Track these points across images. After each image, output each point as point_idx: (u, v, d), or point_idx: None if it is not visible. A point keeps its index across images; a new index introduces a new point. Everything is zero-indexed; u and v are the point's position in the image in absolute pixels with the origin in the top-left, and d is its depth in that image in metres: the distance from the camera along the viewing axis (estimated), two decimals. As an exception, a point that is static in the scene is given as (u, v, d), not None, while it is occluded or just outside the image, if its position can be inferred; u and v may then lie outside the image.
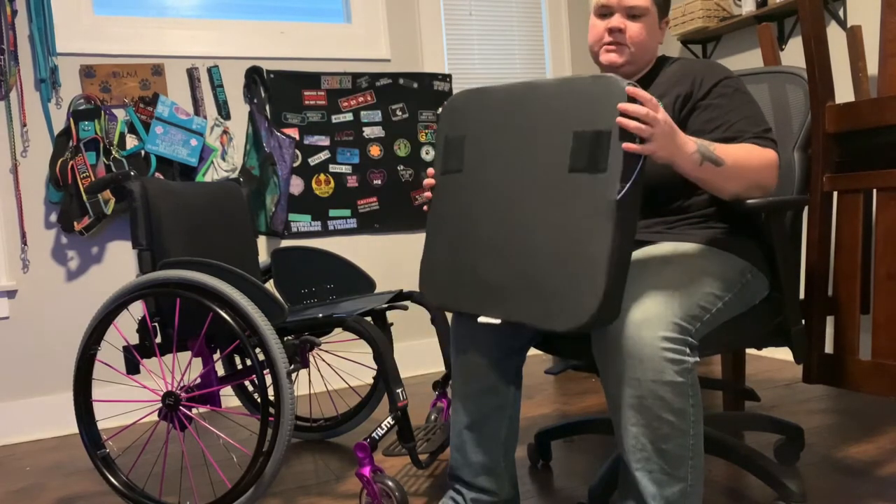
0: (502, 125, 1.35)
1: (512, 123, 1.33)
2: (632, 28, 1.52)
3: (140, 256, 1.80)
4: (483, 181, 1.36)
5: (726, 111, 1.45)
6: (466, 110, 1.43)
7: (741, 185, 1.37)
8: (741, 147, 1.39)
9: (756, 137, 1.42)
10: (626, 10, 1.52)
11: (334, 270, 2.17)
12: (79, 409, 1.80)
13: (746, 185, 1.37)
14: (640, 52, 1.54)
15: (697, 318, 1.26)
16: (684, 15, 2.98)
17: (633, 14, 1.51)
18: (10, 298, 2.54)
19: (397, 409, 1.64)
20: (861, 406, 2.20)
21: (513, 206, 1.30)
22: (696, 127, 1.47)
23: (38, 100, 2.57)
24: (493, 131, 1.36)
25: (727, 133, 1.43)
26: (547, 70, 3.39)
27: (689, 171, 1.30)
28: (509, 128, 1.33)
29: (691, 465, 1.24)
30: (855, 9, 2.49)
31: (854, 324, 1.64)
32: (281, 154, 2.79)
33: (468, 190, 1.39)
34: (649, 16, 1.52)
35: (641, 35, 1.52)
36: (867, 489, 1.61)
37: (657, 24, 1.55)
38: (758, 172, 1.38)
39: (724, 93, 1.47)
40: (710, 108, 1.47)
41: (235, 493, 1.62)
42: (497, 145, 1.35)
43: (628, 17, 1.52)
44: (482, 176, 1.37)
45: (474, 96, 1.42)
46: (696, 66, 1.54)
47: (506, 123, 1.34)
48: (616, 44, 1.53)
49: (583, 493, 1.71)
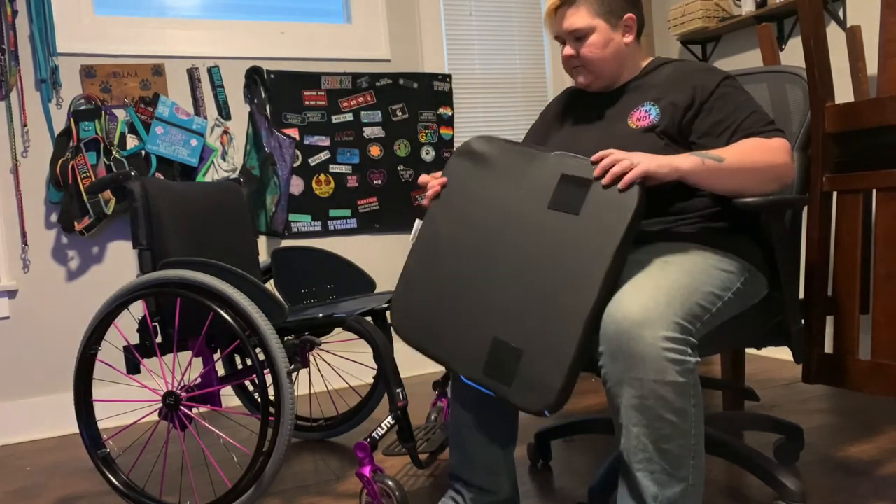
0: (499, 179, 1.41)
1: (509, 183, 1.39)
2: (582, 50, 1.55)
3: (140, 256, 1.80)
4: (473, 228, 1.40)
5: (731, 111, 1.47)
6: (475, 157, 1.47)
7: (756, 180, 1.39)
8: (741, 143, 1.42)
9: (763, 131, 1.44)
10: (570, 35, 1.55)
11: (334, 270, 2.17)
12: (79, 409, 1.80)
13: (761, 178, 1.39)
14: (598, 66, 1.56)
15: (698, 318, 1.26)
16: (684, 15, 2.98)
17: (578, 37, 1.55)
18: (10, 298, 2.54)
19: (397, 409, 1.64)
20: (861, 406, 2.20)
21: (497, 262, 1.34)
22: (704, 130, 1.47)
23: (39, 100, 2.57)
24: (491, 181, 1.42)
25: (737, 133, 1.45)
26: (547, 70, 3.39)
27: (697, 171, 1.34)
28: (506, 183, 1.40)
29: (692, 465, 1.24)
30: (855, 9, 2.50)
31: (854, 323, 1.64)
32: (281, 154, 2.79)
33: (458, 232, 1.42)
34: (597, 31, 1.54)
35: (592, 53, 1.54)
36: (867, 489, 1.61)
37: (612, 32, 1.55)
38: (768, 162, 1.39)
39: (727, 93, 1.49)
40: (714, 110, 1.48)
41: (235, 493, 1.62)
42: (491, 196, 1.40)
43: (576, 41, 1.56)
44: (472, 221, 1.41)
45: (487, 146, 1.47)
46: (692, 69, 1.54)
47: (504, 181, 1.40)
48: (576, 66, 1.59)
49: (583, 493, 1.72)
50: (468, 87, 3.24)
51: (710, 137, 1.46)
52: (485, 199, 1.39)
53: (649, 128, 1.49)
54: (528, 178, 1.35)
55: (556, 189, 1.29)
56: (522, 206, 1.33)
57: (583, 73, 1.59)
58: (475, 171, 1.43)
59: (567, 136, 1.64)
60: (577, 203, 1.26)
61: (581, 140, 1.59)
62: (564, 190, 1.29)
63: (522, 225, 1.32)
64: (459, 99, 3.21)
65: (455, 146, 3.18)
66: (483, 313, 1.34)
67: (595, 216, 1.25)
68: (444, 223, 1.44)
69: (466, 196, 1.42)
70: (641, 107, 1.53)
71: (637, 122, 1.51)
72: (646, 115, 1.51)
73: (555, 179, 1.31)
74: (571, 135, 1.63)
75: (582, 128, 1.62)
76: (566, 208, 1.27)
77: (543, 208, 1.30)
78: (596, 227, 1.24)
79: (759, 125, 1.45)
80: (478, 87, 3.26)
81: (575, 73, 1.61)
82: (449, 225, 1.43)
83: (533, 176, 1.35)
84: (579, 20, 1.53)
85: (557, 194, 1.29)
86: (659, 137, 1.48)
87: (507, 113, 3.32)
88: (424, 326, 1.42)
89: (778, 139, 1.43)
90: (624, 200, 1.24)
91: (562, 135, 1.65)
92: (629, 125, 1.52)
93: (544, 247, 1.28)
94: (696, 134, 1.48)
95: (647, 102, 1.53)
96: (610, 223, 1.23)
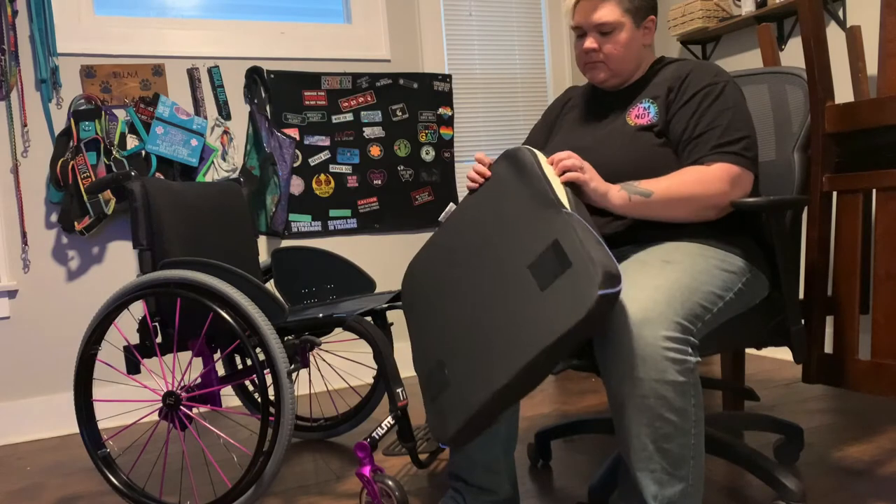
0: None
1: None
2: (605, 45, 1.53)
3: (140, 256, 1.80)
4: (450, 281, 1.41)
5: (697, 119, 1.46)
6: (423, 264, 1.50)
7: (686, 210, 1.40)
8: (676, 174, 1.41)
9: (715, 150, 1.42)
10: (596, 28, 1.53)
11: (334, 270, 2.17)
12: (79, 409, 1.80)
13: (692, 208, 1.40)
14: (619, 64, 1.55)
15: (699, 318, 1.26)
16: (684, 15, 2.98)
17: (604, 31, 1.52)
18: (10, 298, 2.54)
19: (397, 409, 1.64)
20: (860, 406, 2.20)
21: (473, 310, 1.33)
22: (674, 134, 1.48)
23: (39, 100, 2.57)
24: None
25: (690, 145, 1.45)
26: (547, 70, 3.39)
27: (621, 205, 1.38)
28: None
29: (692, 465, 1.24)
30: (854, 9, 2.50)
31: (853, 324, 1.64)
32: (281, 154, 2.79)
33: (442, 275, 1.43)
34: (623, 28, 1.52)
35: (616, 50, 1.53)
36: (867, 489, 1.61)
37: (636, 31, 1.54)
38: (699, 192, 1.39)
39: (703, 100, 1.47)
40: (684, 115, 1.47)
41: (236, 493, 1.62)
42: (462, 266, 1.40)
43: (601, 35, 1.53)
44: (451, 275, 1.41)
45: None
46: (687, 69, 1.53)
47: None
48: (595, 61, 1.56)
49: (583, 492, 1.72)
50: (468, 87, 3.24)
51: (679, 143, 1.48)
52: (493, 218, 1.37)
53: (647, 126, 1.49)
54: (533, 223, 1.28)
55: (542, 253, 1.22)
56: (512, 251, 1.28)
57: (601, 69, 1.56)
58: (512, 181, 1.38)
59: (567, 133, 1.64)
60: (547, 280, 1.19)
61: (579, 136, 1.60)
62: (547, 259, 1.21)
63: (502, 269, 1.28)
64: (459, 99, 3.21)
65: (455, 146, 3.19)
66: (441, 329, 1.37)
67: (550, 304, 1.16)
68: (463, 223, 1.44)
69: (487, 207, 1.40)
70: (641, 104, 1.53)
71: (636, 119, 1.52)
72: (645, 113, 1.51)
73: (549, 240, 1.22)
74: (571, 131, 1.64)
75: (582, 124, 1.63)
76: (537, 278, 1.21)
77: (525, 265, 1.24)
78: (544, 316, 1.16)
79: (708, 146, 1.43)
80: (478, 87, 3.26)
81: (591, 67, 1.57)
82: (466, 223, 1.43)
83: (537, 223, 1.27)
84: (610, 14, 1.51)
85: (540, 259, 1.22)
86: (656, 136, 1.48)
87: (507, 113, 3.32)
88: (415, 301, 1.48)
89: (718, 165, 1.40)
90: (578, 303, 1.12)
91: (563, 131, 1.66)
92: (628, 122, 1.52)
93: (506, 300, 1.24)
94: (673, 139, 1.49)
95: (646, 100, 1.53)
96: (554, 320, 1.14)
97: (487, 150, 3.27)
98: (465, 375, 1.27)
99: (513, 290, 1.24)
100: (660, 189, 1.38)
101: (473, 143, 3.25)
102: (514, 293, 1.24)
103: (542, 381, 1.21)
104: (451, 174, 3.17)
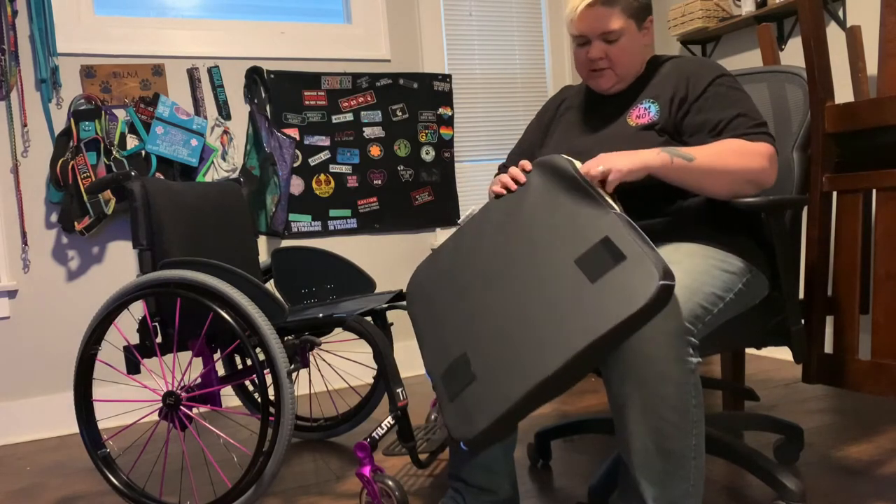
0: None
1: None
2: (612, 52, 1.51)
3: (140, 256, 1.80)
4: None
5: (720, 111, 1.46)
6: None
7: (727, 181, 1.38)
8: (718, 143, 1.40)
9: (748, 133, 1.42)
10: (601, 36, 1.50)
11: (334, 270, 2.17)
12: (79, 409, 1.80)
13: (732, 179, 1.38)
14: (626, 69, 1.54)
15: (699, 319, 1.26)
16: (684, 15, 2.98)
17: (609, 39, 1.50)
18: (10, 298, 2.54)
19: (397, 409, 1.64)
20: (861, 406, 2.20)
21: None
22: (693, 129, 1.47)
23: (39, 100, 2.57)
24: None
25: (724, 134, 1.44)
26: (547, 70, 3.39)
27: (664, 169, 1.34)
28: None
29: (693, 465, 1.24)
30: (854, 9, 2.50)
31: (854, 323, 1.64)
32: (281, 154, 2.79)
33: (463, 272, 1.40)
34: (627, 33, 1.51)
35: (623, 56, 1.52)
36: (867, 489, 1.61)
37: (638, 34, 1.54)
38: (742, 165, 1.37)
39: (718, 92, 1.47)
40: (704, 109, 1.47)
41: (236, 493, 1.62)
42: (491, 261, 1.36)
43: (606, 42, 1.51)
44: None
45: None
46: (689, 65, 1.54)
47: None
48: (601, 69, 1.53)
49: (583, 492, 1.72)
50: (468, 87, 3.24)
51: (699, 136, 1.46)
52: (528, 220, 1.34)
53: (649, 125, 1.49)
54: (578, 221, 1.26)
55: (592, 248, 1.20)
56: (555, 247, 1.26)
57: (608, 77, 1.54)
58: (549, 186, 1.35)
59: (565, 133, 1.63)
60: (598, 272, 1.17)
61: (578, 137, 1.59)
62: (597, 254, 1.19)
63: (543, 264, 1.26)
64: (459, 99, 3.21)
65: (455, 146, 3.19)
66: (467, 323, 1.32)
67: (603, 294, 1.15)
68: (489, 224, 1.41)
69: (519, 210, 1.37)
70: (641, 104, 1.53)
71: (636, 119, 1.51)
72: (645, 113, 1.51)
73: (598, 237, 1.21)
74: (569, 132, 1.62)
75: (580, 125, 1.62)
76: (587, 272, 1.19)
77: (571, 260, 1.22)
78: (597, 306, 1.14)
79: (744, 127, 1.43)
80: (478, 87, 3.26)
81: (596, 76, 1.55)
82: (490, 227, 1.40)
83: (582, 220, 1.25)
84: (616, 21, 1.49)
85: (589, 254, 1.20)
86: (658, 135, 1.48)
87: (507, 113, 3.32)
88: (425, 302, 1.44)
89: (761, 143, 1.41)
90: (636, 292, 1.11)
91: (560, 132, 1.65)
92: (628, 123, 1.52)
93: (548, 295, 1.22)
94: (687, 133, 1.48)
95: (646, 100, 1.53)
96: (608, 309, 1.13)
97: (487, 150, 3.27)
98: (497, 368, 1.22)
99: (558, 283, 1.21)
100: (702, 155, 1.35)
101: (473, 143, 3.25)
102: (560, 285, 1.21)
103: (584, 376, 1.19)
104: (451, 174, 3.17)
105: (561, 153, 1.57)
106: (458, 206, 3.19)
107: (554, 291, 1.21)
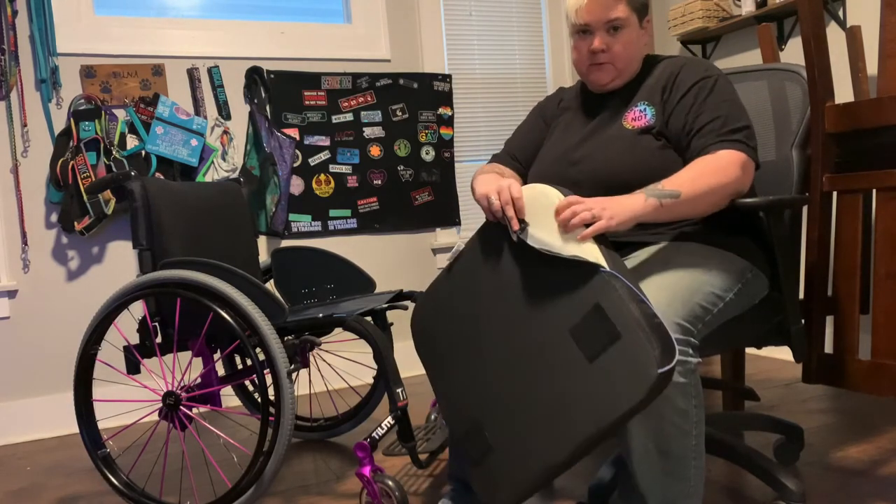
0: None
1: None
2: (615, 45, 1.50)
3: (140, 256, 1.80)
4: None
5: (697, 114, 1.44)
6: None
7: (710, 201, 1.35)
8: (689, 169, 1.37)
9: (721, 140, 1.40)
10: (607, 24, 1.49)
11: (334, 270, 2.17)
12: (79, 409, 1.80)
13: (716, 198, 1.36)
14: (626, 64, 1.53)
15: (699, 319, 1.26)
16: (684, 15, 2.98)
17: (615, 27, 1.49)
18: (10, 298, 2.54)
19: (397, 409, 1.64)
20: (861, 406, 2.20)
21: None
22: (675, 132, 1.47)
23: (39, 100, 2.57)
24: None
25: (696, 137, 1.43)
26: (547, 70, 3.39)
27: (656, 215, 1.29)
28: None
29: (693, 466, 1.24)
30: (855, 9, 2.50)
31: (853, 323, 1.64)
32: (281, 154, 2.79)
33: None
34: (630, 26, 1.50)
35: (625, 49, 1.50)
36: (867, 489, 1.61)
37: (639, 30, 1.53)
38: (719, 182, 1.35)
39: (699, 94, 1.46)
40: (683, 111, 1.46)
41: (236, 493, 1.62)
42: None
43: (609, 32, 1.50)
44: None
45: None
46: (676, 66, 1.52)
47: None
48: (602, 62, 1.52)
49: (583, 492, 1.71)
50: (468, 87, 3.24)
51: (681, 140, 1.46)
52: (522, 268, 1.29)
53: (645, 129, 1.48)
54: (569, 282, 1.20)
55: (584, 317, 1.16)
56: (550, 309, 1.22)
57: (608, 71, 1.53)
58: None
59: (561, 136, 1.62)
60: (594, 350, 1.14)
61: (574, 140, 1.57)
62: (590, 325, 1.15)
63: (539, 327, 1.23)
64: (459, 99, 3.21)
65: (455, 146, 3.19)
66: (475, 382, 1.33)
67: (603, 380, 1.12)
68: (483, 267, 1.37)
69: (513, 251, 1.32)
70: (636, 107, 1.52)
71: (633, 122, 1.50)
72: (641, 116, 1.50)
73: (590, 304, 1.16)
74: (565, 134, 1.61)
75: (576, 128, 1.60)
76: (583, 347, 1.15)
77: (565, 327, 1.18)
78: (598, 394, 1.12)
79: (714, 135, 1.41)
80: (478, 87, 3.26)
81: (596, 69, 1.53)
82: (485, 271, 1.36)
83: (575, 281, 1.19)
84: (622, 10, 1.48)
85: (583, 324, 1.16)
86: (655, 138, 1.47)
87: (507, 113, 3.32)
88: (430, 345, 1.46)
89: (729, 152, 1.38)
90: (635, 381, 1.08)
91: (558, 134, 1.63)
92: (625, 126, 1.51)
93: (551, 370, 1.20)
94: (674, 140, 1.47)
95: (641, 102, 1.52)
96: (610, 400, 1.11)
97: (487, 150, 3.27)
98: (511, 446, 1.25)
99: (557, 359, 1.19)
100: (685, 187, 1.33)
101: (473, 143, 3.25)
102: (559, 363, 1.18)
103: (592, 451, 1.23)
104: (451, 174, 3.17)
105: (559, 156, 1.56)
106: (458, 206, 3.19)
107: (556, 369, 1.20)
